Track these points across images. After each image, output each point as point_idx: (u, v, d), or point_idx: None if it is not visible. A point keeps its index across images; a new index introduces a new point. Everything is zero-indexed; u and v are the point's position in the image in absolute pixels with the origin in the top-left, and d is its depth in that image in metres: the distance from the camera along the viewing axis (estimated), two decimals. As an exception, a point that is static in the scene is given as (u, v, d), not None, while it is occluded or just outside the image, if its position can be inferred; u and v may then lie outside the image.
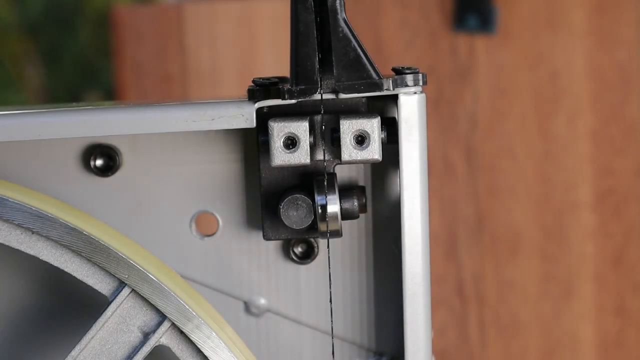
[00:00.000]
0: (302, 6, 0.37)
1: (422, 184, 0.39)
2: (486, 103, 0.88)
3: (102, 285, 0.38)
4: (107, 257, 0.37)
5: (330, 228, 0.40)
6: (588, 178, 0.88)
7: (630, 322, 0.88)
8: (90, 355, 0.37)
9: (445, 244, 0.89)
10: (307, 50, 0.38)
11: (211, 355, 0.38)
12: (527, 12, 0.87)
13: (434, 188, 0.87)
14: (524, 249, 0.89)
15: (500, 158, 0.88)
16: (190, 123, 0.38)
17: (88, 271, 0.38)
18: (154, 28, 0.93)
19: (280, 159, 0.38)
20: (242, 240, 0.43)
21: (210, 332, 0.38)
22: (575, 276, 0.88)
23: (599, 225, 0.88)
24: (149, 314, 0.38)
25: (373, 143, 0.38)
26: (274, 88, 0.39)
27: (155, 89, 0.94)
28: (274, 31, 0.92)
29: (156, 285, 0.37)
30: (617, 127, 0.87)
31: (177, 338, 0.38)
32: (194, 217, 0.43)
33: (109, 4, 1.59)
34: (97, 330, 0.38)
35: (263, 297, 0.44)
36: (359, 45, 0.38)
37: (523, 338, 0.89)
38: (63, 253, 0.37)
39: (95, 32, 1.68)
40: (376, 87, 0.38)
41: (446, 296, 0.89)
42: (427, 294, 0.40)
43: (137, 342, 0.38)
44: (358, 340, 0.44)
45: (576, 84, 0.87)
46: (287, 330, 0.44)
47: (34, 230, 0.37)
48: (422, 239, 0.40)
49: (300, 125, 0.38)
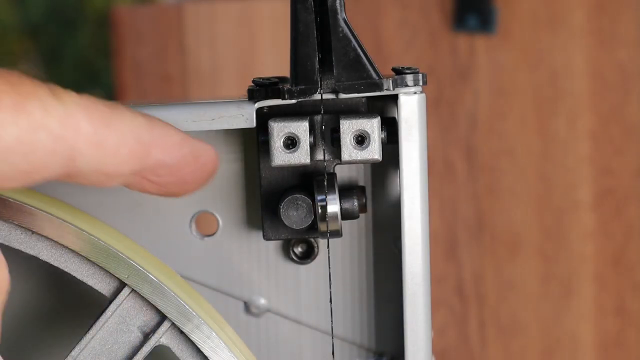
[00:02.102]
0: (302, 6, 0.37)
1: (422, 184, 0.39)
2: (486, 103, 0.88)
3: (102, 285, 0.38)
4: (107, 257, 0.37)
5: (330, 228, 0.40)
6: (588, 178, 0.88)
7: (630, 322, 0.88)
8: (90, 355, 0.37)
9: (445, 244, 0.89)
10: (307, 50, 0.38)
11: (211, 355, 0.38)
12: (527, 12, 0.87)
13: (434, 188, 0.87)
14: (524, 249, 0.89)
15: (500, 158, 0.88)
16: (190, 123, 0.38)
17: (88, 271, 0.38)
18: (154, 28, 0.93)
19: (280, 159, 0.38)
20: (242, 240, 0.43)
21: (210, 332, 0.38)
22: (575, 276, 0.89)
23: (599, 225, 0.88)
24: (149, 314, 0.38)
25: (373, 143, 0.38)
26: (274, 88, 0.39)
27: (155, 89, 0.94)
28: (274, 31, 0.92)
29: (156, 285, 0.37)
30: (617, 127, 0.87)
31: (177, 338, 0.38)
32: (194, 217, 0.43)
33: (109, 4, 1.59)
34: (97, 330, 0.38)
35: (263, 297, 0.44)
36: (359, 45, 0.38)
37: (523, 338, 0.89)
38: (63, 253, 0.37)
39: (95, 32, 1.68)
40: (376, 87, 0.38)
41: (446, 296, 0.89)
42: (427, 294, 0.40)
43: (137, 342, 0.38)
44: (358, 340, 0.44)
45: (576, 84, 0.87)
46: (287, 330, 0.44)
47: (34, 231, 0.37)
48: (422, 239, 0.40)
49: (300, 125, 0.38)
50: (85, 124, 0.33)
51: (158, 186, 0.36)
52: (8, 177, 0.32)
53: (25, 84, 0.32)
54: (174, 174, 0.36)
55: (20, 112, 0.32)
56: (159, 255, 0.41)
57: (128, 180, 0.35)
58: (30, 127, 0.32)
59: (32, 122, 0.32)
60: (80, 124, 0.33)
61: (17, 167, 0.32)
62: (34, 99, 0.32)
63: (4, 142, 0.31)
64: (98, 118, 0.33)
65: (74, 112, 0.33)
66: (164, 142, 0.35)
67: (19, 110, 0.32)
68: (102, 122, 0.33)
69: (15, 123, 0.31)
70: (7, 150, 0.32)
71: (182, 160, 0.36)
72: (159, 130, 0.35)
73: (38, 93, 0.32)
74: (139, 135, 0.34)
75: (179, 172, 0.36)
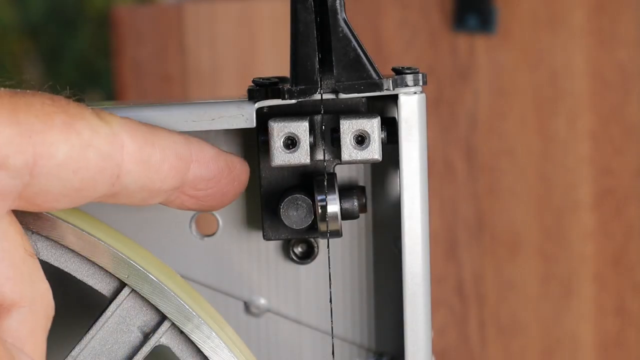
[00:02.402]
0: (302, 6, 0.37)
1: (422, 184, 0.39)
2: (486, 103, 0.88)
3: (102, 285, 0.38)
4: (107, 257, 0.37)
5: (330, 228, 0.40)
6: (588, 178, 0.88)
7: (630, 322, 0.88)
8: (90, 355, 0.37)
9: (445, 244, 0.89)
10: (307, 50, 0.38)
11: (211, 355, 0.38)
12: (527, 12, 0.87)
13: (434, 188, 0.87)
14: (524, 249, 0.89)
15: (500, 158, 0.88)
16: (190, 123, 0.38)
17: (88, 271, 0.38)
18: (154, 28, 0.93)
19: (280, 159, 0.38)
20: (242, 240, 0.43)
21: (210, 332, 0.38)
22: (575, 276, 0.88)
23: (599, 225, 0.88)
24: (149, 314, 0.38)
25: (373, 143, 0.38)
26: (274, 88, 0.39)
27: (155, 89, 0.94)
28: (274, 31, 0.92)
29: (156, 285, 0.37)
30: (617, 127, 0.87)
31: (177, 338, 0.38)
32: (194, 217, 0.43)
33: (109, 4, 1.59)
34: (97, 330, 0.38)
35: (263, 297, 0.44)
36: (359, 45, 0.38)
37: (523, 338, 0.89)
38: (63, 253, 0.37)
39: (95, 32, 1.68)
40: (376, 87, 0.38)
41: (446, 296, 0.89)
42: (427, 294, 0.40)
43: (137, 342, 0.38)
44: (358, 340, 0.44)
45: (576, 84, 0.87)
46: (287, 330, 0.44)
47: (34, 230, 0.37)
48: (422, 239, 0.40)
49: (300, 125, 0.38)
50: (130, 143, 0.35)
51: (197, 200, 0.38)
52: (60, 194, 0.34)
53: (72, 106, 0.34)
54: (212, 187, 0.38)
55: (70, 131, 0.33)
56: (159, 255, 0.41)
57: (169, 196, 0.37)
58: (80, 145, 0.34)
59: (82, 140, 0.34)
60: (125, 143, 0.35)
61: (68, 184, 0.34)
62: (82, 119, 0.34)
63: (56, 159, 0.33)
64: (141, 137, 0.35)
65: (118, 132, 0.35)
66: (201, 157, 0.37)
67: (69, 129, 0.33)
68: (145, 140, 0.35)
69: (66, 141, 0.33)
70: (59, 167, 0.33)
71: (219, 172, 0.38)
72: (196, 145, 0.37)
73: (85, 114, 0.34)
74: (178, 151, 0.36)
75: (216, 184, 0.38)
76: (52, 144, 0.33)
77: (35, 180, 0.33)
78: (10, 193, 0.33)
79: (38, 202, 0.34)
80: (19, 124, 0.33)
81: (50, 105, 0.33)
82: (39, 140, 0.33)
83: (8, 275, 0.34)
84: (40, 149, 0.33)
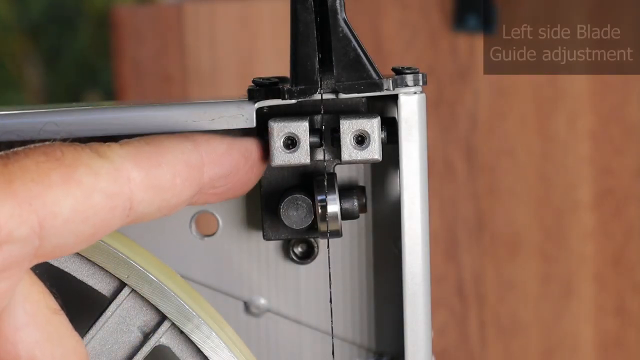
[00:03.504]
0: (302, 6, 0.37)
1: (422, 184, 0.39)
2: (486, 103, 0.88)
3: (102, 285, 0.38)
4: (107, 257, 0.37)
5: (330, 228, 0.40)
6: (588, 178, 0.88)
7: (630, 322, 0.89)
8: (90, 355, 0.37)
9: (445, 244, 0.89)
10: (307, 50, 0.38)
11: (211, 355, 0.38)
12: (527, 12, 0.87)
13: (434, 188, 0.87)
14: (524, 249, 0.89)
15: (500, 158, 0.88)
16: (190, 123, 0.38)
17: (88, 271, 0.38)
18: (154, 28, 0.93)
19: (280, 159, 0.38)
20: (242, 240, 0.43)
21: (210, 332, 0.38)
22: (575, 276, 0.89)
23: (599, 225, 0.88)
24: (149, 314, 0.38)
25: (373, 143, 0.38)
26: (274, 88, 0.39)
27: (155, 89, 0.94)
28: (274, 31, 0.92)
29: (156, 285, 0.37)
30: (617, 127, 0.87)
31: (177, 338, 0.38)
32: (194, 217, 0.43)
33: (109, 4, 1.59)
34: (97, 330, 0.38)
35: (263, 297, 0.44)
36: (359, 45, 0.38)
37: (523, 338, 0.89)
38: (63, 253, 0.37)
39: (95, 32, 1.68)
40: (376, 87, 0.38)
41: (446, 296, 0.89)
42: (427, 294, 0.40)
43: (137, 342, 0.38)
44: (358, 340, 0.44)
45: (576, 84, 0.87)
46: (287, 330, 0.44)
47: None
48: (422, 239, 0.40)
49: (300, 125, 0.38)
50: (136, 172, 0.34)
51: (219, 196, 0.37)
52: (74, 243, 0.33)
53: (68, 154, 0.33)
54: (231, 180, 0.37)
55: (70, 184, 0.32)
56: (159, 255, 0.41)
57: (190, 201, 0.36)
58: (83, 194, 0.32)
59: (84, 189, 0.32)
60: (130, 174, 0.34)
61: (81, 234, 0.33)
62: (80, 166, 0.33)
63: (62, 216, 0.32)
64: (146, 161, 0.34)
65: (121, 165, 0.33)
66: (213, 156, 0.36)
67: (69, 182, 0.32)
68: (150, 163, 0.34)
69: (67, 196, 0.32)
70: (67, 222, 0.32)
71: (235, 166, 0.37)
72: (205, 146, 0.36)
73: (82, 159, 0.33)
74: (188, 160, 0.35)
75: (235, 177, 0.37)
76: (54, 203, 0.32)
77: (46, 241, 0.32)
78: (24, 260, 0.32)
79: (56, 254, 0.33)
80: (16, 195, 0.31)
81: (45, 162, 0.32)
82: (39, 204, 0.32)
83: (36, 339, 0.33)
84: (42, 212, 0.32)
